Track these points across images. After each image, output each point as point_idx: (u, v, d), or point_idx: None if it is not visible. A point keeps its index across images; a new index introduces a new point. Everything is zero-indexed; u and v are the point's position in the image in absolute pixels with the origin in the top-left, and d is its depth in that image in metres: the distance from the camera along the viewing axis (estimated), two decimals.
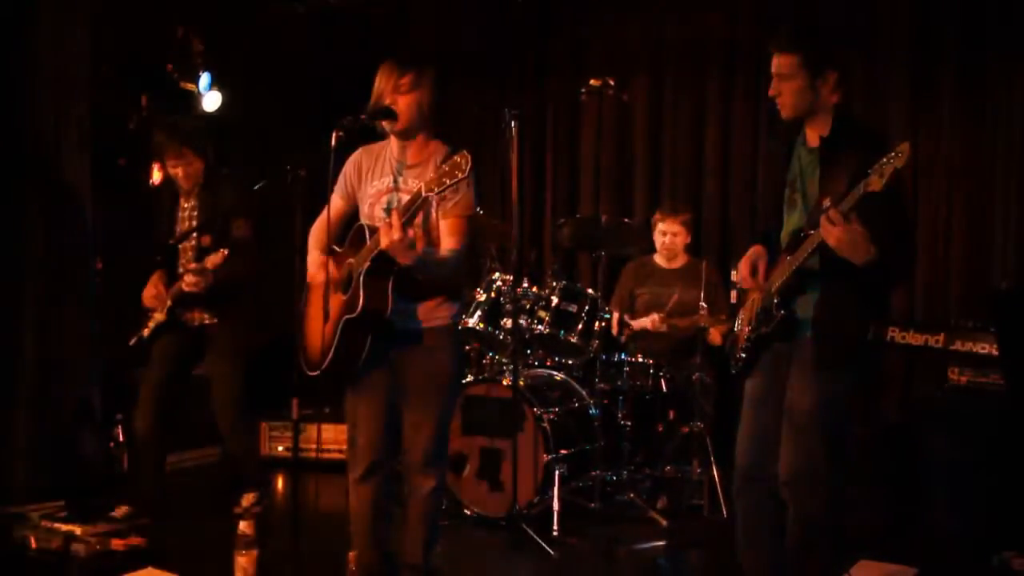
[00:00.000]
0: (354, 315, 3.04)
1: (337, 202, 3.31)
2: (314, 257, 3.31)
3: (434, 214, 3.09)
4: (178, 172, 4.45)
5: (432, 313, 3.19)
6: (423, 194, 2.90)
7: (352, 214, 3.34)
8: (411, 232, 2.90)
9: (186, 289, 4.25)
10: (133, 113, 5.50)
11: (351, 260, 3.13)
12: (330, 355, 3.10)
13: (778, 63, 3.01)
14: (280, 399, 5.35)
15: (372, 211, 3.22)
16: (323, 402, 5.66)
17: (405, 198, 3.07)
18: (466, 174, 2.85)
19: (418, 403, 3.21)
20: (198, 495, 5.16)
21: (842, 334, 2.96)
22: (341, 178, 3.29)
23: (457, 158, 2.86)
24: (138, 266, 4.59)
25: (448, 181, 2.86)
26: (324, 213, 3.34)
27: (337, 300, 3.15)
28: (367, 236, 3.10)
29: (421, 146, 3.22)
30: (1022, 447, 4.06)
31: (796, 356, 3.04)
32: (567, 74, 6.13)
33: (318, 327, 3.16)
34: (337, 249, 3.26)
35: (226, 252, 4.16)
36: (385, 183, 3.23)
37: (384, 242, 2.90)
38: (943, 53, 5.09)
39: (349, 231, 3.26)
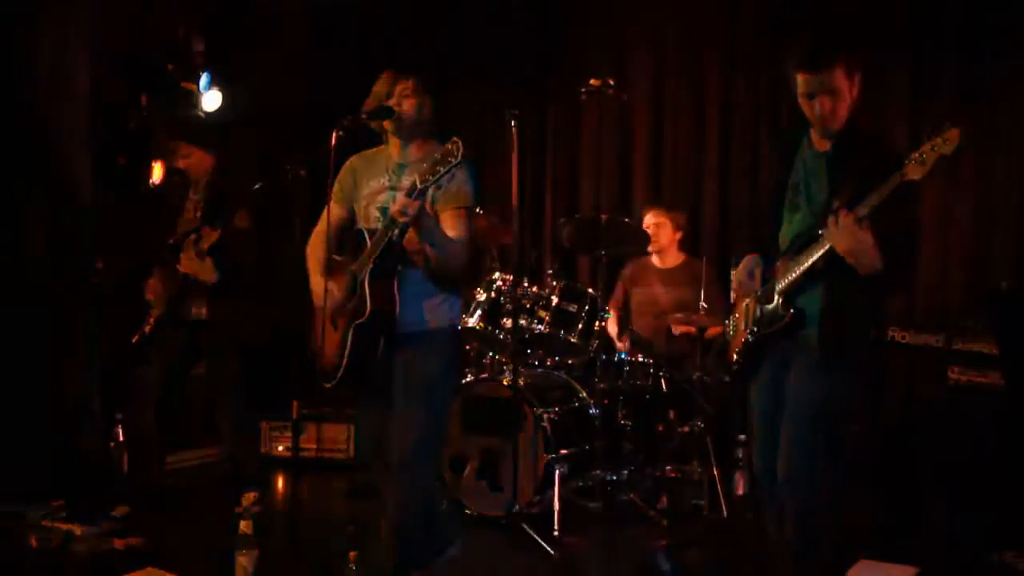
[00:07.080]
0: (363, 319, 3.03)
1: (335, 210, 3.27)
2: (315, 281, 3.26)
3: (429, 209, 3.06)
4: (184, 166, 4.56)
5: (436, 312, 3.17)
6: (418, 186, 2.87)
7: (350, 221, 3.31)
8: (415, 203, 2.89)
9: (185, 270, 4.26)
10: (133, 113, 5.50)
11: (353, 267, 3.12)
12: (343, 364, 3.07)
13: (827, 79, 2.86)
14: (280, 399, 5.35)
15: (368, 212, 3.21)
16: (323, 402, 5.66)
17: (401, 196, 3.04)
18: (459, 159, 2.80)
19: (406, 404, 3.14)
20: (198, 495, 5.16)
21: (845, 333, 2.95)
22: (337, 186, 3.25)
23: (449, 145, 2.83)
24: (138, 265, 4.59)
25: (442, 169, 2.83)
26: (320, 224, 3.32)
27: (343, 309, 3.14)
28: (367, 240, 3.09)
29: (420, 147, 3.22)
30: (1022, 447, 4.06)
31: (798, 354, 3.03)
32: (567, 74, 6.12)
33: (331, 339, 3.15)
34: (336, 259, 3.25)
35: (220, 231, 4.19)
36: (380, 183, 3.23)
37: (394, 208, 2.89)
38: (943, 53, 5.08)
39: (346, 241, 3.24)
